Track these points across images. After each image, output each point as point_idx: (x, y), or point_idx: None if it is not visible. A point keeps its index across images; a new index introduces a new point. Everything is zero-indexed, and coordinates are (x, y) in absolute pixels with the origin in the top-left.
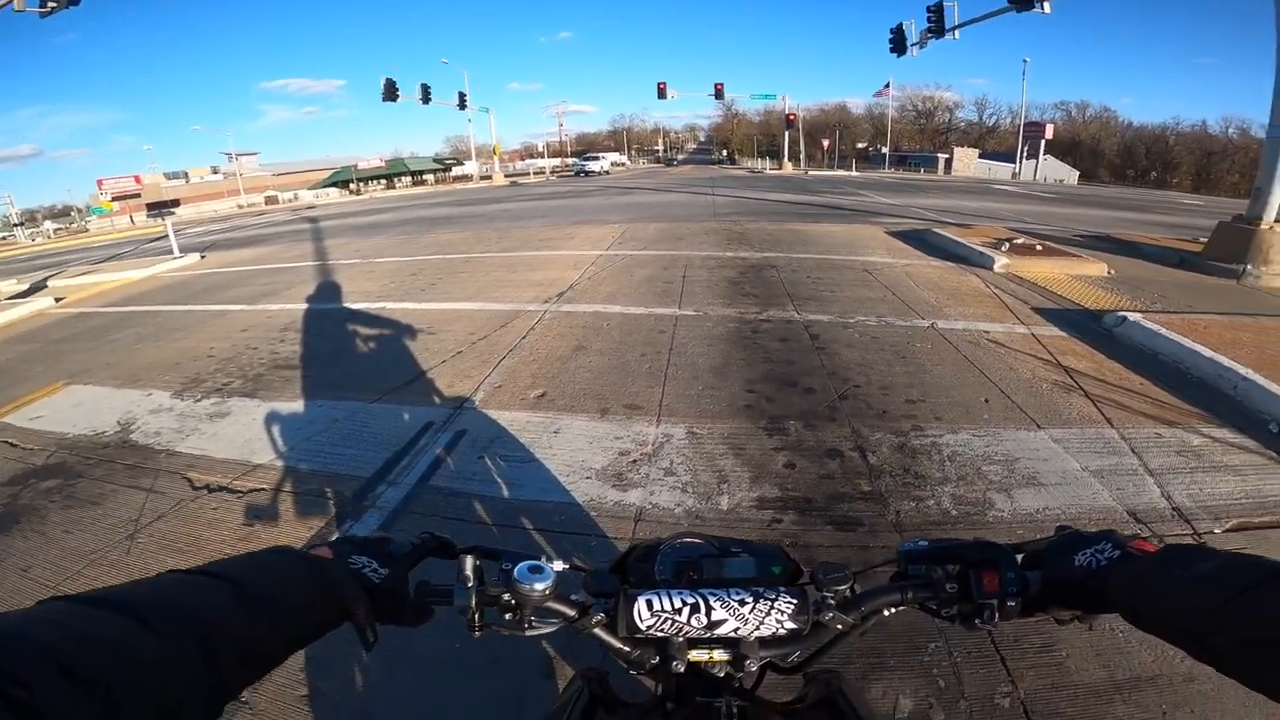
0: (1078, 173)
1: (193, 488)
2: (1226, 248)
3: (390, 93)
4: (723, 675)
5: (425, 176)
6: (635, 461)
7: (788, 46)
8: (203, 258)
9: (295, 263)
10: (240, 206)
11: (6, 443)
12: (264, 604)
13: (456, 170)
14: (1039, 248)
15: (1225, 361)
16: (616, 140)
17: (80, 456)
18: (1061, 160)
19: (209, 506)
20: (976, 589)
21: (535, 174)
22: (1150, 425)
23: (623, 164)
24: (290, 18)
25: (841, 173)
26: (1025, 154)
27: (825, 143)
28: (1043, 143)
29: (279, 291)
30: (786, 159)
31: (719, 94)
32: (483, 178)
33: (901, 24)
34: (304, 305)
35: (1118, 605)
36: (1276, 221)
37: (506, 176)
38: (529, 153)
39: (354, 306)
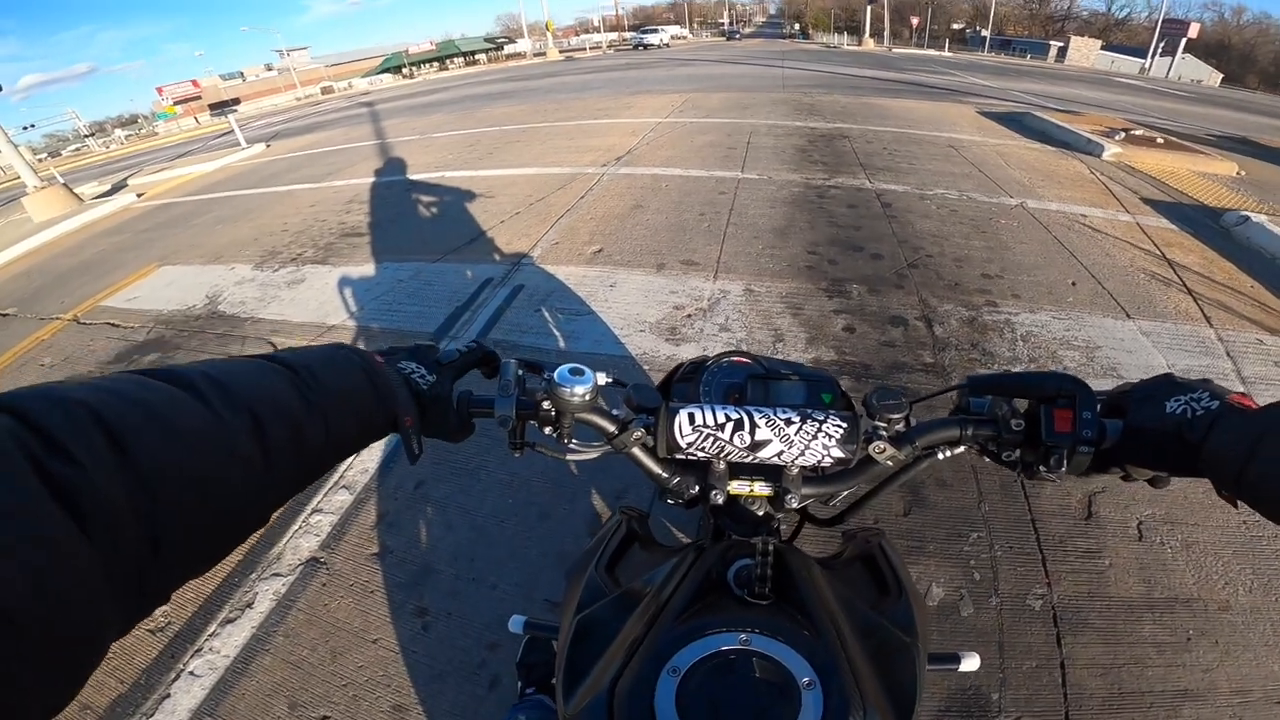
0: (1221, 75)
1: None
2: None
3: None
4: (762, 514)
5: (477, 56)
6: (690, 316)
7: None
8: (268, 147)
9: (355, 143)
10: (298, 99)
11: (109, 324)
12: (320, 394)
13: (509, 49)
14: (1160, 141)
15: None
16: (676, 13)
17: (175, 330)
18: (1203, 61)
19: None
20: (1046, 429)
21: (591, 49)
22: (1253, 330)
23: (683, 37)
24: None
25: (931, 52)
26: (1160, 51)
27: (914, 20)
28: (1183, 41)
29: (342, 170)
30: (868, 34)
31: None
32: (536, 55)
33: None
34: (366, 179)
35: (1217, 466)
36: None
37: (561, 52)
38: (584, 28)
39: (414, 177)
